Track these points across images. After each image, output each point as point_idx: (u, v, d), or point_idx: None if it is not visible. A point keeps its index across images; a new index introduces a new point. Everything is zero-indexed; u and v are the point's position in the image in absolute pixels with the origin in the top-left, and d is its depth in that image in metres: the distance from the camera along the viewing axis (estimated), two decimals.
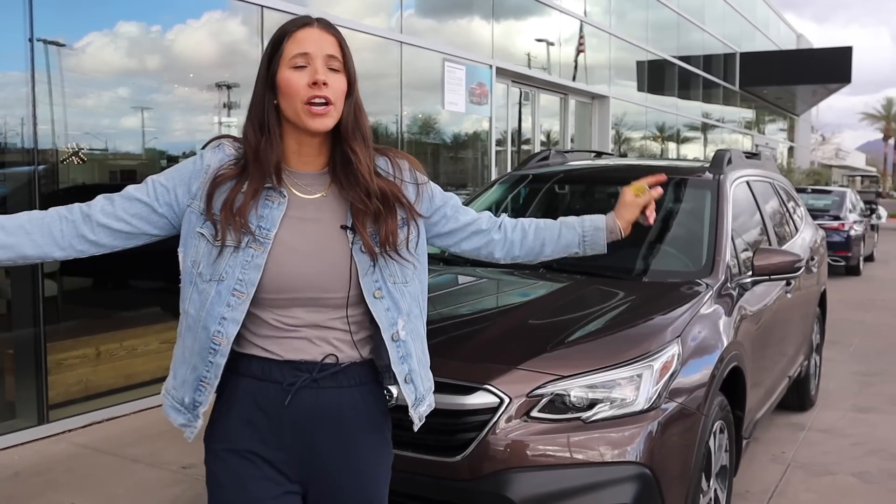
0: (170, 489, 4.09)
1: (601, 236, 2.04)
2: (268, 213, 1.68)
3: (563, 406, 2.75)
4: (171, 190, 1.72)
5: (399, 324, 1.76)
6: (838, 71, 21.58)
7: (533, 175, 4.84)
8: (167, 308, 6.12)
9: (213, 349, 1.68)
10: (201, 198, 1.69)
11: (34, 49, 4.83)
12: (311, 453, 1.75)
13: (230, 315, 1.66)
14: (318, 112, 1.66)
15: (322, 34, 1.70)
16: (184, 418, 1.79)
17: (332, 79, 1.68)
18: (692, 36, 17.68)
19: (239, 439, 1.73)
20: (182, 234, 1.73)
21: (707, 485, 3.17)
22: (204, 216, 1.68)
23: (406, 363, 1.78)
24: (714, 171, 4.35)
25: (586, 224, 2.05)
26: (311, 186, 1.75)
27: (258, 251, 1.66)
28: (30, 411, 4.88)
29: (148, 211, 1.71)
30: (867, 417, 5.55)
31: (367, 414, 1.79)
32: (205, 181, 1.70)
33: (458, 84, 9.14)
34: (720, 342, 3.32)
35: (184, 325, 1.73)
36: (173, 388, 1.80)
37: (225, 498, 1.74)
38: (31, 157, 4.86)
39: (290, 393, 1.70)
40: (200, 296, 1.68)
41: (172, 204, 1.72)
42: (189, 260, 1.70)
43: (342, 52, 1.71)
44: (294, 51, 1.67)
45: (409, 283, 1.80)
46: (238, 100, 6.47)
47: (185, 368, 1.74)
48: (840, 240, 13.66)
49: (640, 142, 15.66)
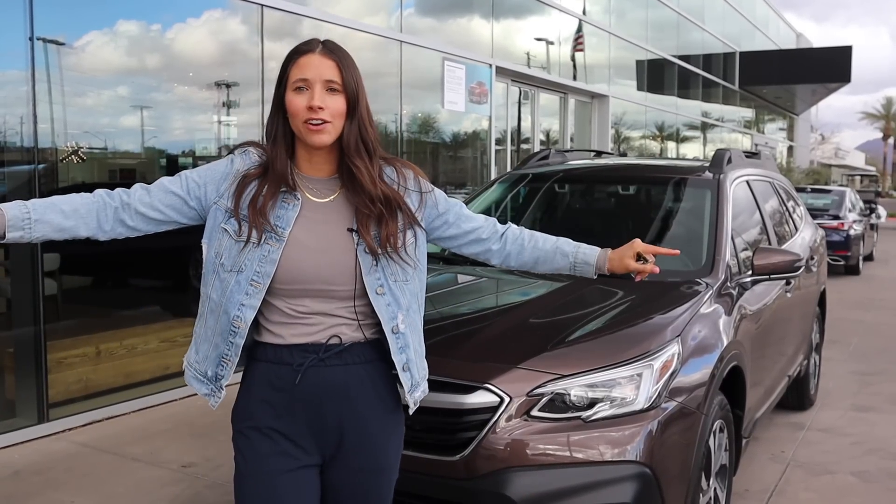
0: (169, 488, 4.09)
1: (590, 271, 2.22)
2: (284, 214, 1.88)
3: (563, 405, 2.76)
4: (202, 186, 1.92)
5: (399, 318, 1.94)
6: (838, 70, 21.59)
7: (532, 174, 4.84)
8: (167, 307, 6.13)
9: (234, 331, 1.89)
10: (228, 197, 1.89)
11: (34, 48, 4.83)
12: (324, 426, 1.92)
13: (248, 302, 1.86)
14: (314, 129, 1.84)
15: (322, 59, 1.86)
16: (207, 388, 1.98)
17: (330, 100, 1.85)
18: (692, 35, 17.68)
19: (259, 417, 1.92)
20: (207, 228, 1.93)
21: (707, 484, 3.17)
22: (229, 213, 1.88)
23: (405, 353, 1.96)
24: (714, 170, 4.35)
25: (579, 256, 2.22)
26: (322, 190, 1.94)
27: (274, 247, 1.86)
28: (30, 410, 4.88)
29: (181, 203, 1.91)
30: (866, 417, 5.56)
31: (374, 388, 1.96)
32: (232, 183, 1.90)
33: (458, 83, 9.15)
34: (720, 341, 3.32)
35: (206, 307, 1.93)
36: (196, 361, 1.99)
37: (247, 470, 1.93)
38: (32, 156, 4.86)
39: (300, 373, 1.88)
40: (222, 284, 1.88)
41: (202, 199, 1.92)
42: (213, 251, 1.91)
43: (341, 76, 1.86)
44: (296, 76, 1.86)
45: (409, 281, 1.97)
46: (237, 99, 6.47)
47: (208, 346, 1.95)
48: (839, 239, 13.67)
49: (639, 141, 15.67)
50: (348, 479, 1.98)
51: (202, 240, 1.94)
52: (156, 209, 1.89)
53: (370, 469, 1.99)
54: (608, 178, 4.95)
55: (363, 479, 1.99)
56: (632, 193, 4.77)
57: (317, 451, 1.94)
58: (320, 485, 1.98)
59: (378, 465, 2.00)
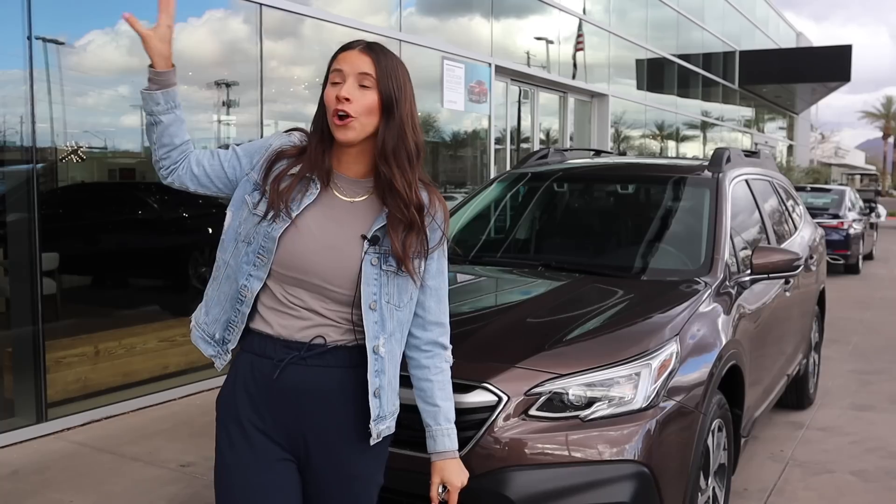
0: (168, 487, 4.09)
1: (431, 446, 2.04)
2: (299, 197, 1.89)
3: (561, 404, 2.75)
4: (241, 158, 1.98)
5: (380, 340, 1.91)
6: (838, 69, 21.58)
7: (532, 173, 4.84)
8: (166, 306, 6.13)
9: (241, 299, 1.91)
10: (259, 170, 1.94)
11: (32, 47, 4.82)
12: (298, 425, 1.91)
13: (255, 273, 1.89)
14: (339, 124, 1.84)
15: (359, 55, 1.88)
16: (213, 350, 2.00)
17: (359, 94, 1.84)
18: (692, 34, 17.67)
19: (239, 408, 1.93)
20: (234, 196, 1.97)
21: (705, 483, 3.17)
22: (255, 185, 1.93)
23: (379, 378, 1.92)
24: (713, 169, 4.35)
25: (438, 434, 2.03)
26: (349, 190, 1.93)
27: (278, 225, 1.87)
28: (28, 409, 4.88)
29: (220, 170, 1.98)
30: (866, 416, 5.56)
31: (353, 393, 1.92)
32: (265, 158, 1.94)
33: (458, 82, 9.14)
34: (719, 340, 3.32)
35: (223, 272, 1.97)
36: (204, 323, 2.01)
37: (224, 461, 1.94)
38: (30, 156, 4.85)
39: (279, 368, 1.88)
40: (237, 251, 1.93)
41: (236, 168, 1.98)
42: (236, 220, 1.95)
43: (375, 71, 1.86)
44: (333, 68, 1.89)
45: (401, 308, 1.94)
46: (237, 98, 6.47)
47: (218, 309, 1.97)
48: (839, 238, 13.67)
49: (639, 140, 15.66)
50: (325, 482, 1.95)
51: (228, 207, 1.99)
52: (201, 166, 1.97)
53: (345, 474, 1.95)
54: (607, 178, 4.95)
55: (339, 483, 1.95)
56: (631, 192, 4.77)
57: (290, 449, 1.92)
58: (300, 480, 1.96)
59: (353, 471, 1.96)
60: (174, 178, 1.96)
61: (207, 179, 1.97)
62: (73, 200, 5.56)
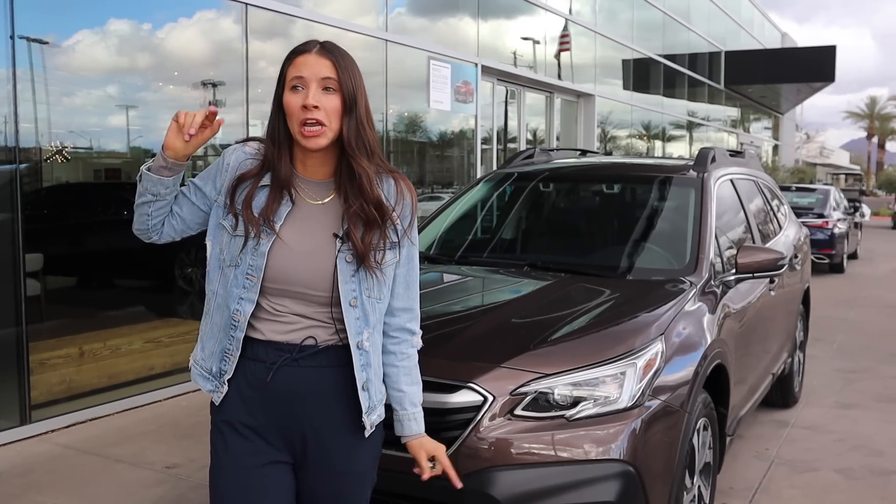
0: (153, 489, 4.06)
1: (398, 429, 2.10)
2: (277, 210, 1.89)
3: (546, 404, 2.76)
4: (204, 188, 1.98)
5: (364, 334, 1.93)
6: (822, 70, 21.74)
7: (518, 173, 4.84)
8: (151, 308, 6.09)
9: (234, 325, 1.91)
10: (225, 193, 1.93)
11: (15, 46, 4.79)
12: (294, 425, 1.93)
13: (246, 296, 1.89)
14: (309, 133, 1.84)
15: (318, 59, 1.86)
16: (211, 385, 1.98)
17: (326, 100, 1.85)
18: (678, 35, 17.74)
19: (233, 412, 1.94)
20: (210, 226, 1.98)
21: (691, 482, 3.18)
22: (226, 209, 1.92)
23: (365, 372, 1.95)
24: (698, 169, 4.37)
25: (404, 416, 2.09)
26: (317, 193, 1.94)
27: (264, 240, 1.88)
28: (12, 411, 4.84)
29: (195, 209, 1.99)
30: (850, 414, 5.59)
31: (345, 391, 1.95)
32: (226, 179, 1.94)
33: (444, 82, 9.14)
34: (704, 339, 3.33)
35: (213, 304, 1.97)
36: (201, 359, 2.01)
37: (219, 464, 1.96)
38: (13, 156, 4.82)
39: (272, 371, 1.90)
40: (224, 279, 1.92)
41: (205, 200, 1.97)
42: (217, 248, 1.95)
43: (337, 75, 1.85)
44: (292, 74, 1.87)
45: (382, 300, 1.98)
46: (224, 98, 6.44)
47: (213, 342, 1.97)
48: (824, 237, 13.75)
49: (625, 140, 15.71)
50: (320, 481, 1.98)
51: (206, 238, 1.98)
52: (177, 217, 1.98)
53: (340, 472, 1.98)
54: (593, 177, 4.96)
55: (334, 481, 1.98)
56: (616, 192, 4.78)
57: (286, 450, 1.95)
58: (294, 484, 1.98)
59: (348, 468, 1.99)
60: (159, 237, 2.00)
61: (185, 225, 1.99)
62: (58, 201, 5.52)
